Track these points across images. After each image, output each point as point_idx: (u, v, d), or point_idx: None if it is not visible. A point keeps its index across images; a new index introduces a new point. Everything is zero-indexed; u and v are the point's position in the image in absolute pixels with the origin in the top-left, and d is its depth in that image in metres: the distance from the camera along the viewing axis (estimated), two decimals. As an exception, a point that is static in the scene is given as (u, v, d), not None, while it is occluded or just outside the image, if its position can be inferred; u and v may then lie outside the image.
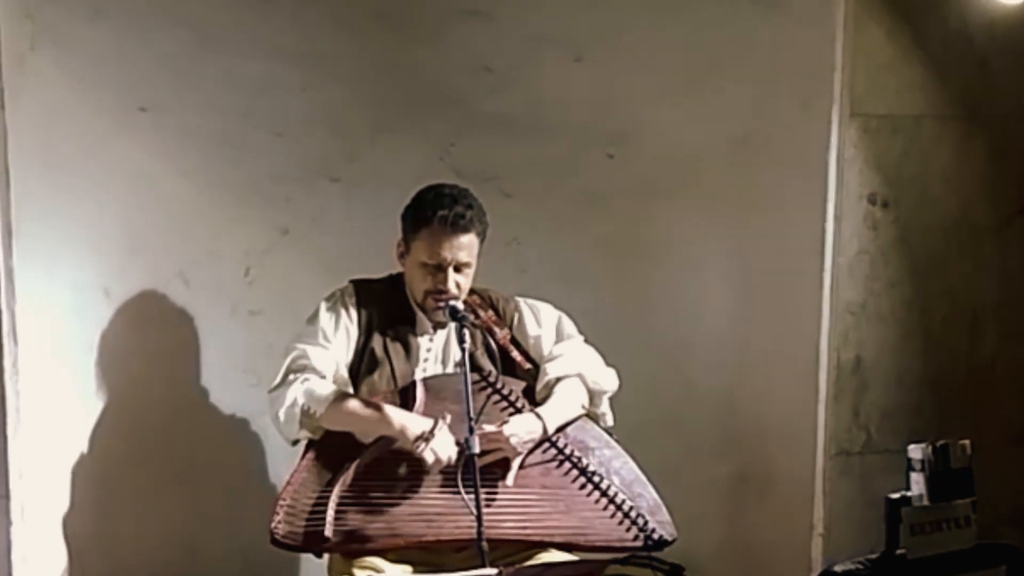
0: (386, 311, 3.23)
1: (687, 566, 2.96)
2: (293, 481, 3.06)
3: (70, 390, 3.55)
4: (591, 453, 3.17)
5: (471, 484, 2.89)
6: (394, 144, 3.70)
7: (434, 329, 3.25)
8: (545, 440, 3.14)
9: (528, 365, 3.26)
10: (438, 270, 3.15)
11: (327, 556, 3.11)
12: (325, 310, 3.20)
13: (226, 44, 3.59)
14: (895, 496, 3.17)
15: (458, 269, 3.15)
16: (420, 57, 3.70)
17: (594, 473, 3.12)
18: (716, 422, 3.91)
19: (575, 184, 3.81)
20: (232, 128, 3.63)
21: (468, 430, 2.93)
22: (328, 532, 2.97)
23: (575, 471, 3.12)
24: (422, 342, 3.23)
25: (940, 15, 3.74)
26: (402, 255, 3.22)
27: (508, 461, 3.07)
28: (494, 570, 2.79)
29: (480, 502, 2.87)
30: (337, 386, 3.13)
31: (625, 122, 3.79)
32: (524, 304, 3.32)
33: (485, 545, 2.85)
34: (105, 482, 3.57)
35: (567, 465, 3.13)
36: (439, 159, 3.71)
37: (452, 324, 3.12)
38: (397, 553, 3.02)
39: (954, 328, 3.92)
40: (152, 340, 3.65)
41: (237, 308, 3.70)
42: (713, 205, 3.83)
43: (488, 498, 2.98)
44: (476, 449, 2.92)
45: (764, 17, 3.74)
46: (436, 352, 3.24)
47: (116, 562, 3.58)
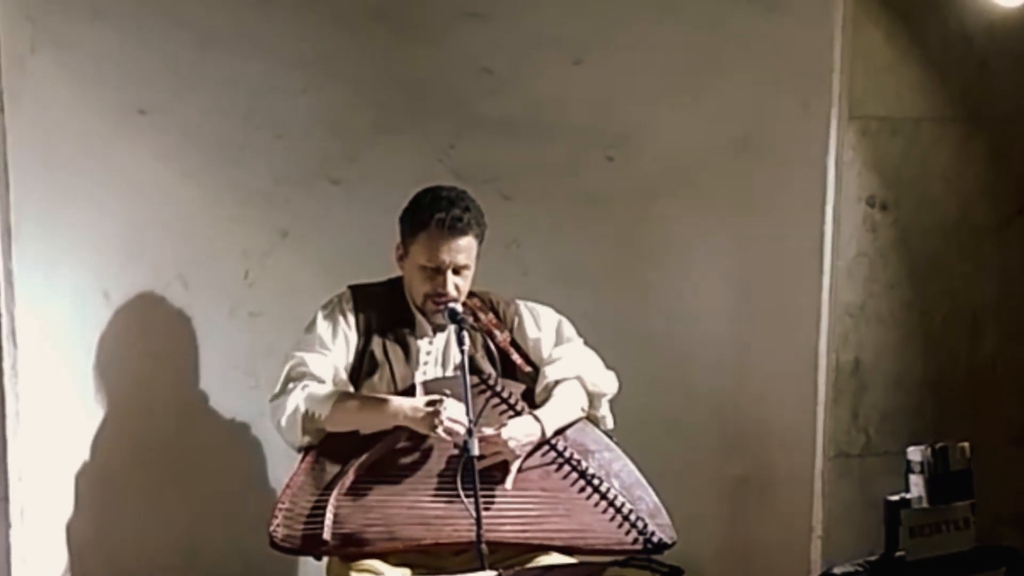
0: (385, 315, 3.23)
1: (686, 568, 2.96)
2: (292, 484, 3.06)
3: (70, 392, 3.55)
4: (591, 456, 3.16)
5: (470, 487, 2.89)
6: (394, 146, 3.70)
7: (433, 332, 3.24)
8: (544, 443, 3.14)
9: (528, 368, 3.26)
10: (437, 273, 3.15)
11: (326, 559, 3.11)
12: (322, 318, 3.20)
13: (226, 46, 3.58)
14: (894, 498, 3.17)
15: (457, 271, 3.15)
16: (420, 59, 3.70)
17: (594, 476, 3.12)
18: (715, 424, 3.91)
19: (575, 186, 3.81)
20: (232, 130, 3.63)
21: (467, 432, 2.93)
22: (327, 535, 2.97)
23: (575, 474, 3.12)
24: (422, 345, 3.23)
25: (939, 17, 3.74)
26: (401, 258, 3.22)
27: (507, 464, 3.07)
28: (493, 573, 2.80)
29: (479, 505, 2.87)
30: (338, 388, 3.13)
31: (624, 124, 3.79)
32: (524, 307, 3.32)
33: (484, 548, 2.85)
34: (105, 484, 3.57)
35: (567, 468, 3.13)
36: (439, 161, 3.71)
37: (451, 327, 3.12)
38: (396, 556, 3.02)
39: (953, 330, 3.91)
40: (152, 342, 3.65)
41: (237, 310, 3.70)
42: (712, 207, 3.82)
43: (487, 501, 2.98)
44: (475, 451, 2.92)
45: (763, 19, 3.73)
46: (436, 355, 3.24)
47: (116, 564, 3.58)
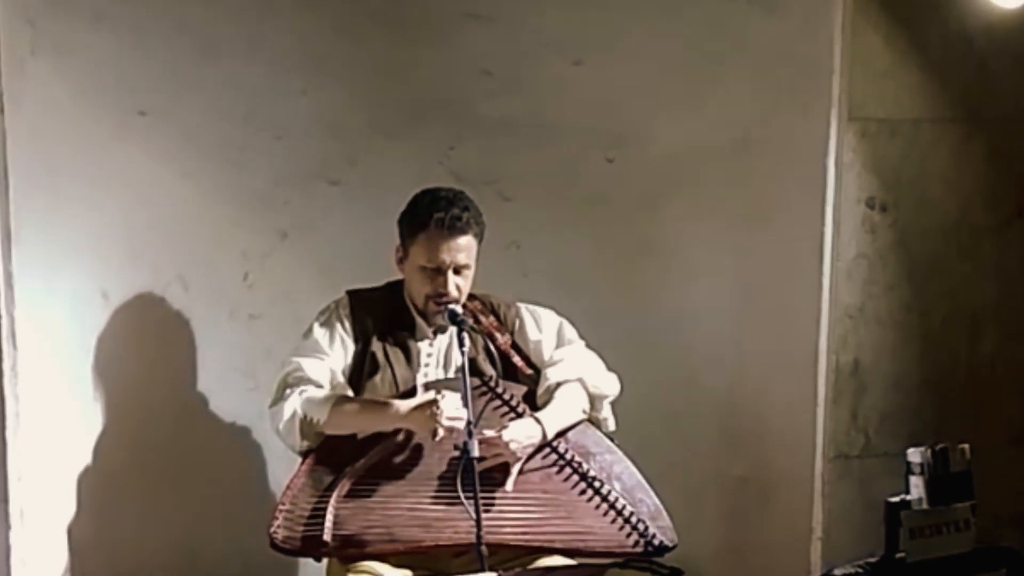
0: (384, 318, 3.23)
1: (686, 569, 2.97)
2: (292, 485, 3.06)
3: (69, 394, 3.55)
4: (592, 458, 3.16)
5: (470, 489, 2.89)
6: (394, 148, 3.70)
7: (434, 334, 3.24)
8: (545, 445, 3.14)
9: (529, 370, 3.26)
10: (437, 273, 3.15)
11: (326, 560, 3.11)
12: (319, 325, 3.20)
13: (225, 48, 3.58)
14: (894, 499, 3.17)
15: (457, 271, 3.16)
16: (420, 60, 3.70)
17: (595, 478, 3.12)
18: (715, 425, 3.91)
19: (575, 188, 3.81)
20: (232, 132, 3.63)
21: (468, 434, 2.93)
22: (327, 537, 2.97)
23: (576, 476, 3.12)
24: (422, 347, 3.23)
25: (938, 19, 3.74)
26: (400, 260, 3.22)
27: (508, 466, 3.06)
28: (493, 575, 2.80)
29: (479, 507, 2.87)
30: (336, 391, 3.13)
31: (624, 126, 3.79)
32: (525, 310, 3.32)
33: (484, 550, 2.85)
34: (104, 485, 3.57)
35: (568, 470, 3.13)
36: (438, 162, 3.71)
37: (452, 328, 3.12)
38: (396, 558, 3.01)
39: (953, 331, 3.91)
40: (151, 344, 3.65)
41: (236, 312, 3.70)
42: (712, 209, 3.83)
43: (487, 503, 2.98)
44: (475, 453, 2.92)
45: (763, 21, 3.73)
46: (437, 357, 3.24)
47: (115, 566, 3.58)
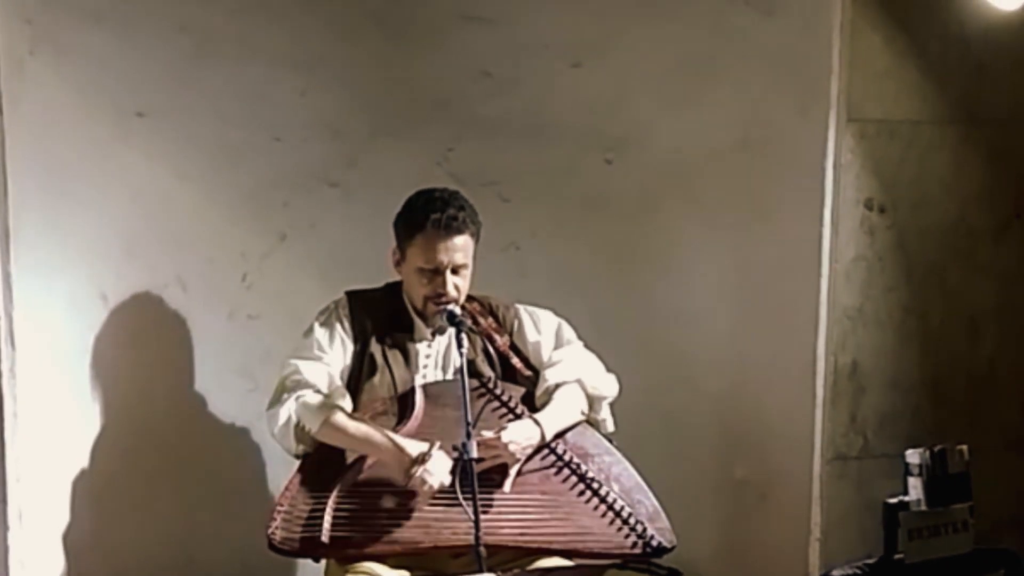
0: (383, 319, 3.22)
1: (684, 570, 2.98)
2: (291, 487, 3.06)
3: (67, 395, 3.54)
4: (590, 459, 3.16)
5: (469, 490, 2.89)
6: (392, 149, 3.70)
7: (432, 336, 3.24)
8: (544, 447, 3.14)
9: (528, 372, 3.25)
10: (436, 274, 3.15)
11: (324, 562, 3.11)
12: (319, 324, 3.20)
13: (224, 49, 3.58)
14: (893, 501, 3.17)
15: (455, 271, 3.15)
16: (419, 62, 3.70)
17: (593, 480, 3.12)
18: (714, 426, 3.91)
19: (573, 189, 3.81)
20: (230, 133, 3.63)
21: (466, 435, 2.93)
22: (325, 538, 2.97)
23: (574, 477, 3.12)
24: (420, 348, 3.23)
25: (937, 21, 3.74)
26: (398, 263, 3.22)
27: (506, 467, 3.07)
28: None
29: (478, 508, 2.87)
30: (334, 398, 3.12)
31: (623, 127, 3.79)
32: (524, 311, 3.31)
33: (483, 551, 2.85)
34: (103, 487, 3.56)
35: (566, 471, 3.13)
36: (437, 164, 3.71)
37: (451, 330, 3.12)
38: (394, 559, 3.01)
39: (951, 332, 3.92)
40: (149, 345, 3.65)
41: (235, 313, 3.70)
42: (711, 210, 3.83)
43: (486, 504, 2.98)
44: (474, 454, 2.92)
45: (762, 22, 3.73)
46: (435, 358, 3.24)
47: (113, 567, 3.57)
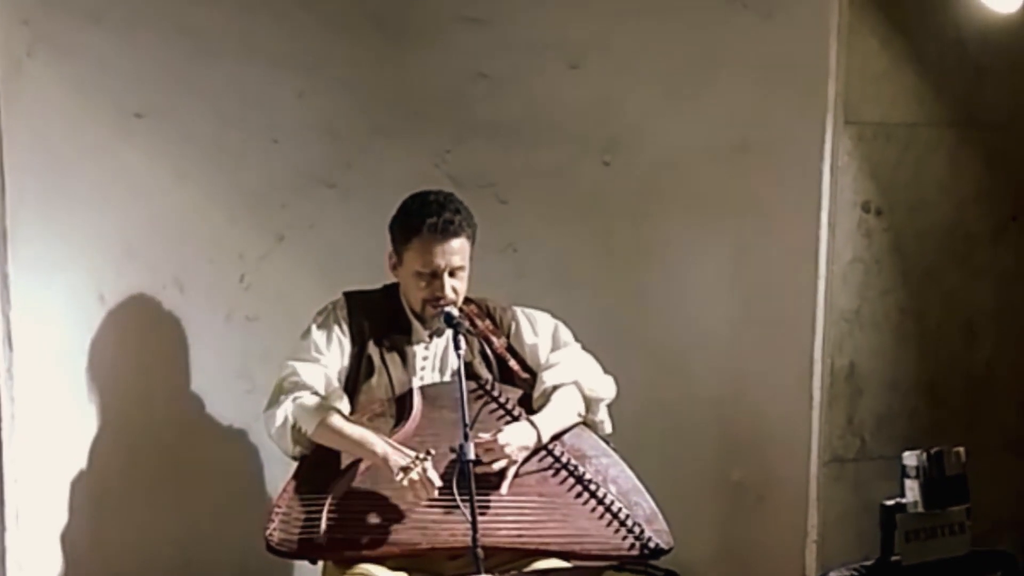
0: (381, 321, 3.23)
1: (681, 572, 2.98)
2: (288, 488, 3.07)
3: (65, 395, 3.54)
4: (588, 461, 3.16)
5: (466, 492, 2.89)
6: (390, 150, 3.70)
7: (430, 338, 3.24)
8: (541, 448, 3.14)
9: (525, 374, 3.25)
10: (434, 277, 3.15)
11: (321, 563, 3.11)
12: (317, 325, 3.21)
13: (222, 50, 3.59)
14: (890, 503, 3.18)
15: (452, 274, 3.16)
16: (417, 63, 3.70)
17: (590, 481, 3.12)
18: (711, 428, 3.91)
19: (571, 190, 3.82)
20: (228, 134, 3.63)
21: (464, 437, 2.93)
22: (323, 539, 2.97)
23: (571, 479, 3.12)
24: (418, 350, 3.23)
25: (935, 24, 3.75)
26: (394, 267, 3.22)
27: (504, 469, 3.06)
28: (490, 577, 2.81)
29: (475, 510, 2.87)
30: (331, 400, 3.13)
31: (621, 129, 3.80)
32: (521, 313, 3.32)
33: (480, 552, 2.85)
34: (100, 488, 3.56)
35: (564, 473, 3.13)
36: (435, 165, 3.72)
37: (449, 332, 3.12)
38: (392, 560, 3.01)
39: (948, 335, 3.92)
40: (147, 345, 3.65)
41: (233, 314, 3.70)
42: (708, 212, 3.83)
43: (483, 506, 2.98)
44: (471, 456, 2.92)
45: (759, 25, 3.74)
46: (433, 360, 3.24)
47: (111, 568, 3.57)
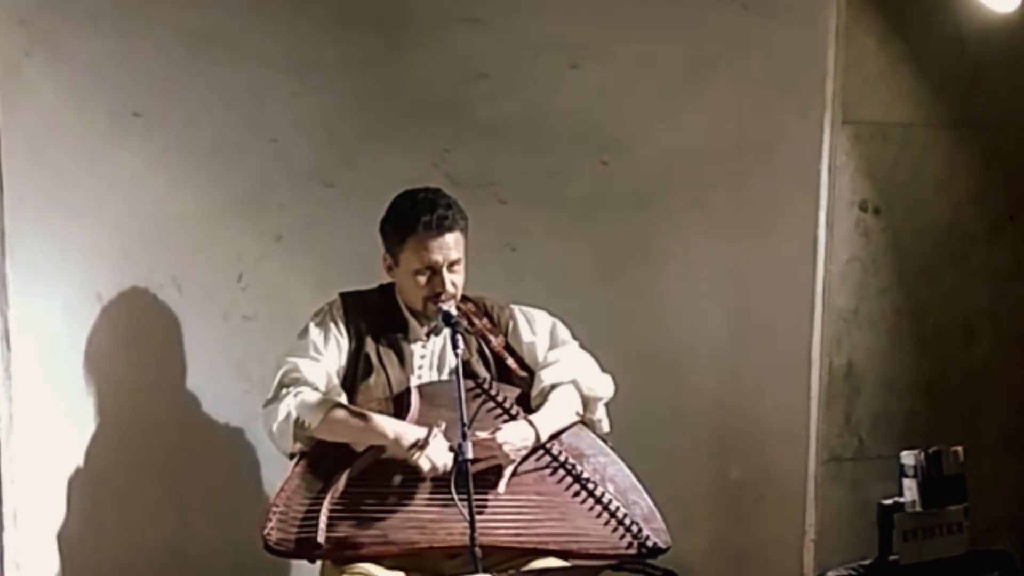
0: (377, 320, 3.23)
1: (679, 571, 2.98)
2: (286, 488, 3.06)
3: (63, 396, 3.54)
4: (586, 460, 3.16)
5: (464, 491, 2.89)
6: (388, 150, 3.70)
7: (427, 336, 3.25)
8: (539, 447, 3.14)
9: (523, 373, 3.26)
10: (433, 274, 3.15)
11: (319, 563, 3.11)
12: (314, 325, 3.21)
13: (220, 49, 3.58)
14: (888, 502, 3.19)
15: (450, 268, 3.16)
16: (415, 63, 3.70)
17: (588, 480, 3.12)
18: (708, 427, 3.91)
19: (569, 190, 3.82)
20: (226, 134, 3.63)
21: (462, 436, 2.93)
22: (321, 539, 2.97)
23: (569, 478, 3.12)
24: (415, 349, 3.23)
25: (933, 23, 3.75)
26: (390, 268, 3.22)
27: (501, 468, 3.07)
28: (488, 576, 2.81)
29: (473, 509, 2.87)
30: (330, 396, 3.13)
31: (619, 129, 3.80)
32: (518, 311, 3.32)
33: (478, 551, 2.85)
34: (98, 488, 3.56)
35: (561, 472, 3.13)
36: (434, 165, 3.71)
37: (447, 330, 3.12)
38: (390, 560, 3.01)
39: (946, 334, 3.93)
40: (145, 346, 3.64)
41: (230, 314, 3.70)
42: (706, 212, 3.83)
43: (481, 505, 2.98)
44: (469, 455, 2.92)
45: (758, 25, 3.74)
46: (431, 359, 3.24)
47: (109, 568, 3.56)
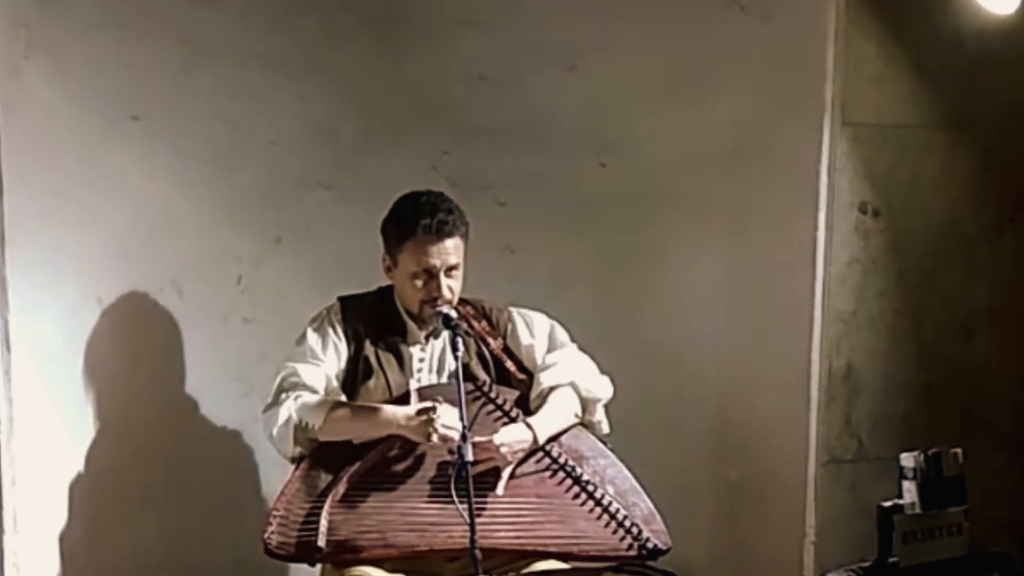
0: (376, 324, 3.23)
1: (679, 573, 2.98)
2: (286, 491, 3.06)
3: (63, 398, 3.54)
4: (585, 462, 3.16)
5: (464, 493, 2.90)
6: (388, 153, 3.70)
7: (426, 339, 3.25)
8: (538, 449, 3.14)
9: (522, 375, 3.26)
10: (430, 278, 3.16)
11: (319, 566, 3.11)
12: (312, 330, 3.21)
13: (219, 53, 3.59)
14: (887, 504, 3.19)
15: (448, 273, 3.16)
16: (414, 65, 3.71)
17: (588, 482, 3.12)
18: (708, 430, 3.91)
19: (568, 193, 3.82)
20: (225, 137, 3.63)
21: (461, 438, 2.93)
22: (321, 542, 2.97)
23: (569, 480, 3.12)
24: (414, 352, 3.24)
25: (931, 25, 3.75)
26: (389, 269, 3.22)
27: (500, 471, 3.07)
28: (487, 578, 2.81)
29: (473, 511, 2.87)
30: (329, 397, 3.13)
31: (618, 131, 3.80)
32: (517, 314, 3.32)
33: (478, 554, 2.85)
34: (98, 490, 3.56)
35: (561, 474, 3.13)
36: (432, 168, 3.71)
37: (446, 333, 3.13)
38: (390, 563, 3.01)
39: (945, 335, 3.93)
40: (145, 348, 3.65)
41: (230, 316, 3.70)
42: (705, 214, 3.83)
43: (481, 507, 2.97)
44: (469, 457, 2.92)
45: (756, 27, 3.74)
46: (430, 362, 3.24)
47: (108, 570, 3.57)
